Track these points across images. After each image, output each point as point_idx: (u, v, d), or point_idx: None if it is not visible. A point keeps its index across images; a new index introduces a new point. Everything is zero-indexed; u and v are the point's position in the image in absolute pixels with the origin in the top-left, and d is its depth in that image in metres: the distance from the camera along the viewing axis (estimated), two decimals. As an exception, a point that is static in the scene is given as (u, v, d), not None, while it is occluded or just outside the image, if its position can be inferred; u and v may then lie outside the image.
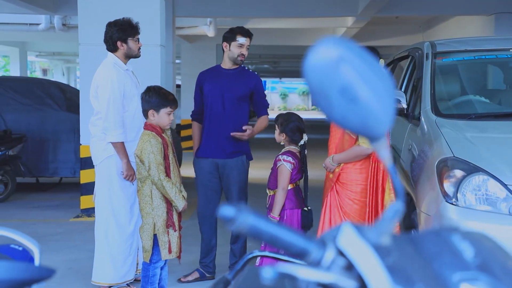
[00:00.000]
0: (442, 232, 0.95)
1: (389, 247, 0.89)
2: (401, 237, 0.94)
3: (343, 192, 4.30)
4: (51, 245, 6.10)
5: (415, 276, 0.88)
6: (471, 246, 0.93)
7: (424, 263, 0.91)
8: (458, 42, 5.52)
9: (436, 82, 4.81)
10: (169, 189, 3.98)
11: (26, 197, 9.06)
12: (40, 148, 9.18)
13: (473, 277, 0.90)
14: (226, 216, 0.87)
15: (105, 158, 4.54)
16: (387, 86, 0.89)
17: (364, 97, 0.86)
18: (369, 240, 0.88)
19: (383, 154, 0.91)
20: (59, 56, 27.41)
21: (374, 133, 0.89)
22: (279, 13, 11.83)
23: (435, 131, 4.21)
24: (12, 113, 9.28)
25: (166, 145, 4.06)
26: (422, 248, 0.93)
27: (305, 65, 0.88)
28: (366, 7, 10.56)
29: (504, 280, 0.91)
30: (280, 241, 0.89)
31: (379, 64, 0.90)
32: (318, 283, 0.89)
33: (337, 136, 4.35)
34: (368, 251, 0.86)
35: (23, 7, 10.89)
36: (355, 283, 0.87)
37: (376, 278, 0.84)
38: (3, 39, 19.72)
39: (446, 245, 0.93)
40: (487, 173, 3.65)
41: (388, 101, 0.88)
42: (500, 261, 0.95)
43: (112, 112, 4.41)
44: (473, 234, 0.98)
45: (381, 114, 0.88)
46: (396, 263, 0.88)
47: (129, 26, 4.57)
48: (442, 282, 0.89)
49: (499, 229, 3.57)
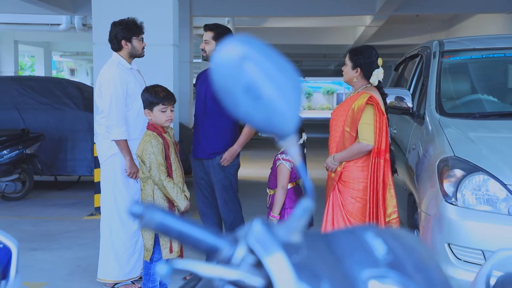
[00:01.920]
0: (356, 230, 0.95)
1: (298, 245, 0.90)
2: (314, 235, 0.95)
3: (346, 190, 4.29)
4: (63, 243, 6.19)
5: (322, 273, 0.88)
6: (384, 244, 0.94)
7: (335, 260, 0.91)
8: (468, 41, 5.45)
9: (443, 81, 4.77)
10: (170, 189, 4.00)
11: (43, 195, 9.19)
12: (58, 147, 9.29)
13: (382, 274, 0.90)
14: (133, 213, 0.88)
15: (110, 156, 4.59)
16: (294, 85, 0.89)
17: (269, 95, 0.87)
18: (278, 237, 0.89)
19: (291, 151, 0.91)
20: (83, 56, 27.73)
21: (280, 130, 0.90)
22: (296, 12, 11.82)
23: (438, 130, 4.18)
24: (31, 112, 9.41)
25: (167, 145, 4.09)
26: (335, 245, 0.93)
27: (211, 64, 0.89)
28: (384, 6, 10.51)
29: (415, 277, 0.92)
30: (189, 238, 0.90)
31: (287, 63, 0.90)
32: (227, 280, 0.90)
33: (337, 134, 4.34)
34: (275, 249, 0.87)
35: (43, 7, 11.05)
36: (262, 280, 0.88)
37: (281, 275, 0.85)
38: (28, 39, 20.02)
39: (359, 243, 0.93)
40: (487, 172, 3.62)
41: (294, 99, 0.88)
42: (415, 259, 0.95)
43: (115, 110, 4.45)
44: (389, 232, 0.98)
45: (287, 112, 0.88)
46: (304, 260, 0.88)
47: (134, 25, 4.61)
48: (351, 279, 0.90)
49: (498, 229, 3.54)
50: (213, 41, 4.83)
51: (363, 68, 4.32)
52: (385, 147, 4.20)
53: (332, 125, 4.44)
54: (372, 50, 4.37)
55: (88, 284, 4.89)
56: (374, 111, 4.20)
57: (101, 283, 4.77)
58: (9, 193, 8.67)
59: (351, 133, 4.23)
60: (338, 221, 4.32)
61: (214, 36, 4.82)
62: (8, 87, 9.55)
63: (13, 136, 8.61)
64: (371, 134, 4.17)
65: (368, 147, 4.18)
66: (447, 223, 3.64)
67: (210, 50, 4.80)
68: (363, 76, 4.35)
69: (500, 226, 3.53)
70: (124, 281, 4.70)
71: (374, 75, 4.32)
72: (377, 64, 4.33)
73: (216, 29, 4.86)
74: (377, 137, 4.18)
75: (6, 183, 8.57)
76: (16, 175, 8.65)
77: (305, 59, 25.56)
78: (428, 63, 5.01)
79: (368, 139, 4.17)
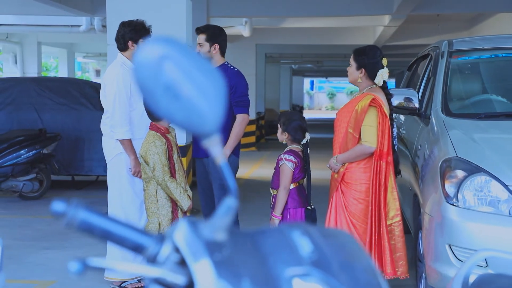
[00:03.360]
0: (283, 229, 0.96)
1: (223, 243, 0.91)
2: (240, 233, 0.95)
3: (348, 192, 4.28)
4: (74, 242, 6.26)
5: (244, 272, 0.89)
6: (310, 243, 0.94)
7: (260, 259, 0.92)
8: (481, 40, 5.39)
9: (451, 81, 4.73)
10: (173, 189, 4.03)
11: (61, 195, 9.30)
12: (75, 146, 9.40)
13: (305, 273, 0.91)
14: (55, 212, 0.89)
15: (115, 155, 4.64)
16: (214, 85, 0.90)
17: (188, 95, 0.88)
18: (202, 235, 0.90)
19: (214, 151, 0.92)
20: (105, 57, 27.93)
21: (201, 130, 0.91)
22: (313, 12, 11.80)
23: (442, 131, 4.15)
24: (49, 112, 9.54)
25: (170, 145, 4.12)
26: (261, 244, 0.94)
27: (132, 63, 0.90)
28: (400, 5, 10.43)
29: (339, 276, 0.92)
30: (114, 236, 0.91)
31: (208, 63, 0.91)
32: (151, 278, 0.91)
33: (340, 135, 4.33)
34: (198, 247, 0.88)
35: (62, 9, 11.18)
36: (184, 278, 0.89)
37: (202, 272, 0.86)
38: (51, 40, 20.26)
39: (285, 242, 0.94)
40: (488, 173, 3.58)
41: (215, 99, 0.89)
42: (342, 259, 0.95)
43: (118, 110, 4.51)
44: (320, 231, 0.99)
45: (207, 111, 0.89)
46: (227, 259, 0.89)
47: (142, 27, 4.66)
48: (274, 277, 0.91)
49: (499, 231, 3.51)
50: (206, 43, 4.86)
51: (367, 68, 4.31)
52: (387, 150, 4.18)
53: (336, 125, 4.44)
54: (376, 50, 4.35)
55: (96, 282, 4.94)
56: (377, 113, 4.18)
57: (108, 282, 4.82)
58: (26, 192, 8.79)
59: (354, 135, 4.22)
60: (341, 222, 4.31)
61: (207, 38, 4.85)
62: (27, 88, 9.69)
63: (30, 136, 8.73)
64: (373, 136, 4.16)
65: (370, 149, 4.17)
66: (448, 224, 3.61)
67: (205, 52, 4.83)
68: (367, 76, 4.34)
69: (501, 228, 3.49)
70: (130, 280, 4.74)
71: (379, 75, 4.30)
72: (381, 64, 4.31)
73: (207, 30, 4.90)
74: (379, 140, 4.16)
75: (23, 183, 8.70)
76: (33, 175, 8.78)
77: (326, 59, 25.47)
78: (436, 63, 4.97)
79: (371, 141, 4.16)
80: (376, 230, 4.20)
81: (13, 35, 19.01)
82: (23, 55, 19.78)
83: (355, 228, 4.26)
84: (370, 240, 4.19)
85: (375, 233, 4.20)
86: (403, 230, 4.34)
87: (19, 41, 19.61)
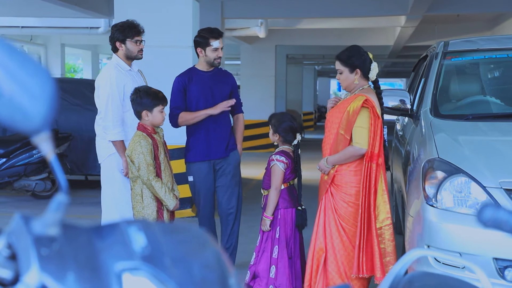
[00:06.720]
0: (121, 224, 0.99)
1: (54, 238, 0.94)
2: (76, 228, 0.98)
3: (338, 194, 4.23)
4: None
5: (71, 266, 0.92)
6: (144, 238, 0.97)
7: (92, 253, 0.95)
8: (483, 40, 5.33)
9: (443, 82, 4.70)
10: (158, 189, 4.08)
11: (72, 194, 9.41)
12: (88, 147, 9.53)
13: (135, 267, 0.94)
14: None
15: (108, 156, 4.71)
16: (38, 82, 0.92)
17: (8, 91, 0.90)
18: (33, 230, 0.93)
19: (43, 147, 0.95)
20: (130, 58, 28.17)
21: (25, 127, 0.93)
22: (325, 13, 11.78)
23: (429, 132, 4.13)
24: (62, 113, 9.69)
25: (156, 145, 4.17)
26: (96, 239, 0.97)
27: None
28: (414, 5, 10.35)
29: (170, 270, 0.95)
30: None
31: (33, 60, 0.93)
32: None
33: (331, 137, 4.30)
34: (26, 241, 0.91)
35: (79, 11, 11.35)
36: (11, 272, 0.92)
37: (26, 266, 0.89)
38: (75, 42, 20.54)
39: (120, 237, 0.97)
40: (468, 175, 3.56)
41: (39, 96, 0.92)
42: (178, 254, 0.98)
43: (111, 111, 4.57)
44: (160, 227, 1.02)
45: (30, 109, 0.91)
46: (55, 253, 0.92)
47: (128, 27, 4.70)
48: (104, 271, 0.94)
49: (477, 232, 3.48)
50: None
51: (361, 67, 4.28)
52: (378, 151, 4.12)
53: (327, 126, 4.41)
54: (359, 47, 4.34)
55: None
56: (369, 114, 4.15)
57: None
58: (39, 192, 8.95)
59: (345, 136, 4.17)
60: (330, 224, 4.26)
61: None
62: (41, 89, 9.85)
63: (43, 136, 8.88)
64: (365, 138, 4.11)
65: (361, 151, 4.11)
66: (427, 225, 3.60)
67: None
68: (362, 75, 4.31)
69: (478, 229, 3.45)
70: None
71: (373, 70, 4.26)
72: (370, 58, 4.29)
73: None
74: (371, 141, 4.10)
75: (36, 182, 8.86)
76: (45, 174, 8.93)
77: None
78: (430, 64, 4.95)
79: (362, 143, 4.11)
80: (365, 234, 4.12)
81: (37, 37, 19.31)
82: (47, 57, 20.09)
83: (345, 231, 4.17)
84: (359, 243, 4.11)
85: (365, 236, 4.13)
86: (393, 234, 4.27)
87: (43, 43, 19.92)
